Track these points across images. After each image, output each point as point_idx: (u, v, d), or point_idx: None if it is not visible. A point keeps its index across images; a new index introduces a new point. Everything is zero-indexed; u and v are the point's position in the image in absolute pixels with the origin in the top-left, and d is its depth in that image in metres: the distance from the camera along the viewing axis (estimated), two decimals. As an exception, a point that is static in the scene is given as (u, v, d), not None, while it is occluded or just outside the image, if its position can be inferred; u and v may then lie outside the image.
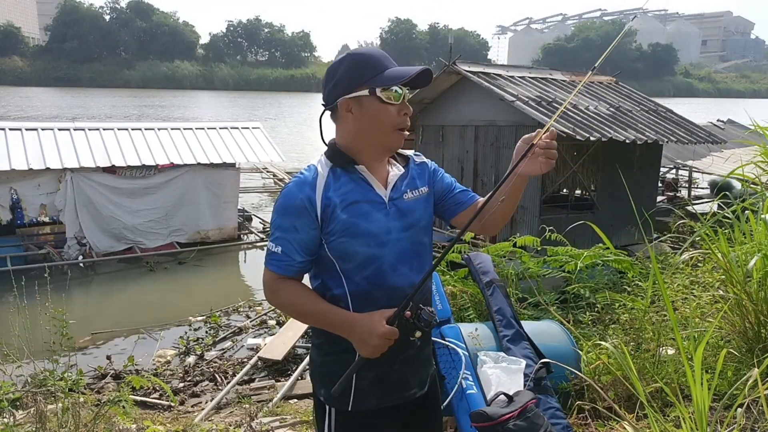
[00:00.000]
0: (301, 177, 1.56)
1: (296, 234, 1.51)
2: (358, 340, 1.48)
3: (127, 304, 8.23)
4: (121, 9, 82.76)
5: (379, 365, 1.56)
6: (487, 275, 3.49)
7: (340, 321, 1.51)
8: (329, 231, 1.51)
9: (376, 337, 1.44)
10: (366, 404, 1.60)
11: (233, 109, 47.36)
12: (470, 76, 8.25)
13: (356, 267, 1.54)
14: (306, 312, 1.57)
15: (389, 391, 1.62)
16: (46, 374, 3.16)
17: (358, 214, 1.52)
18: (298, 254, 1.53)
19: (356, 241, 1.52)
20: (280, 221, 1.53)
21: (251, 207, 13.70)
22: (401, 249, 1.56)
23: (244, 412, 4.35)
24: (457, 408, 2.62)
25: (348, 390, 1.58)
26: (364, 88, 1.51)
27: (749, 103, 61.86)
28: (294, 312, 1.62)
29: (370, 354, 1.47)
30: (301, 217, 1.50)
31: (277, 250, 1.53)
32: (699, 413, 1.74)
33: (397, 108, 1.53)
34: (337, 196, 1.52)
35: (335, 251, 1.53)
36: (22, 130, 9.43)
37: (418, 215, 1.61)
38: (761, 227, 2.77)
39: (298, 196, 1.51)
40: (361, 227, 1.52)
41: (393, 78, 1.51)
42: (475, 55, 79.96)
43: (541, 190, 7.88)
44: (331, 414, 1.62)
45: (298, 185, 1.53)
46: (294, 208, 1.51)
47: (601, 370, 2.97)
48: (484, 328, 3.12)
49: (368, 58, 1.54)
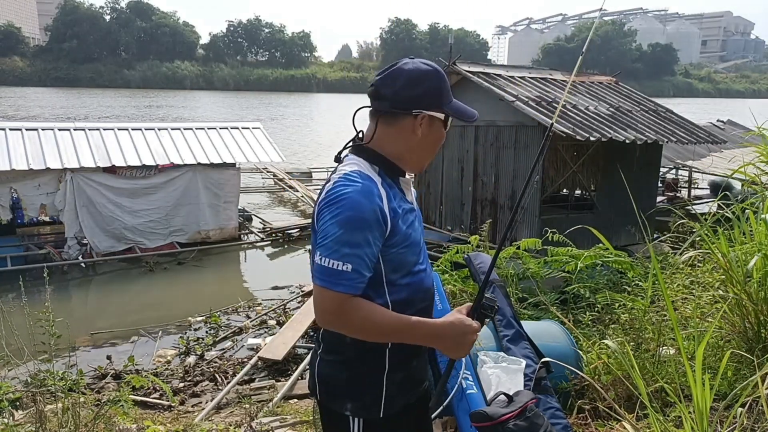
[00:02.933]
0: (366, 188, 1.45)
1: (369, 248, 1.42)
2: (452, 343, 1.50)
3: (127, 304, 8.23)
4: (121, 9, 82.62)
5: (405, 365, 1.59)
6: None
7: (429, 330, 1.50)
8: (392, 243, 1.48)
9: (471, 334, 1.49)
10: (395, 407, 1.60)
11: (233, 110, 47.35)
12: (470, 77, 8.25)
13: (402, 276, 1.54)
14: (390, 327, 1.47)
15: (412, 388, 1.65)
16: (46, 374, 3.16)
17: (409, 224, 1.55)
18: (368, 270, 1.44)
19: (410, 251, 1.54)
20: (350, 236, 1.40)
21: (251, 207, 13.69)
22: (425, 252, 1.64)
23: (244, 412, 4.35)
24: (457, 408, 2.62)
25: (379, 398, 1.57)
26: (443, 111, 1.56)
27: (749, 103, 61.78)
28: (373, 330, 1.47)
29: (464, 354, 1.52)
30: (375, 230, 1.43)
31: (346, 269, 1.40)
32: (700, 413, 1.74)
33: (443, 137, 1.61)
34: (397, 207, 1.51)
35: (391, 262, 1.51)
36: (22, 130, 9.43)
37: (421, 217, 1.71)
38: (761, 227, 2.77)
39: (370, 207, 1.42)
40: (412, 237, 1.55)
41: (462, 113, 1.59)
42: (475, 55, 79.91)
43: (541, 190, 7.88)
44: (360, 425, 1.59)
45: (367, 196, 1.43)
46: (367, 221, 1.41)
47: (601, 370, 2.97)
48: (484, 328, 3.11)
49: (447, 82, 1.59)
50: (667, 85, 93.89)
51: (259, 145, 11.15)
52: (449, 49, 10.17)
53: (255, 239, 11.29)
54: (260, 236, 11.37)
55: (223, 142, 10.79)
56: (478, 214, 8.63)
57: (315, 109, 54.64)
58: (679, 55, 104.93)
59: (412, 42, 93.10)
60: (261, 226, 12.08)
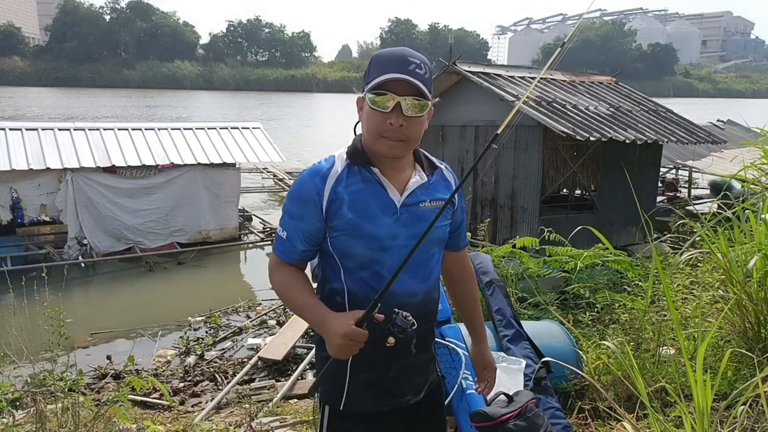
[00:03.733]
0: (317, 166, 1.55)
1: (301, 222, 1.51)
2: (327, 338, 1.45)
3: (127, 304, 8.23)
4: (121, 9, 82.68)
5: (372, 369, 1.57)
6: (487, 275, 3.49)
7: (315, 316, 1.49)
8: (333, 226, 1.50)
9: (339, 336, 1.38)
10: (358, 406, 1.59)
11: (233, 109, 47.35)
12: (470, 76, 8.25)
13: (356, 266, 1.52)
14: (290, 301, 1.56)
15: (381, 395, 1.60)
16: (46, 374, 3.16)
17: (365, 216, 1.49)
18: (301, 243, 1.53)
19: (357, 242, 1.49)
20: (290, 207, 1.53)
21: (251, 207, 13.69)
22: (403, 256, 1.44)
23: (244, 412, 4.35)
24: (457, 408, 2.62)
25: (341, 389, 1.58)
26: (365, 88, 1.48)
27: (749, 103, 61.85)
28: (282, 299, 1.61)
29: (336, 353, 1.41)
30: (308, 207, 1.50)
31: (283, 235, 1.54)
32: (700, 413, 1.74)
33: (384, 115, 1.44)
34: (346, 193, 1.49)
35: (336, 248, 1.53)
36: (22, 130, 9.43)
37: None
38: (761, 227, 2.77)
39: (308, 183, 1.51)
40: (364, 229, 1.48)
41: (374, 83, 1.43)
42: (475, 55, 79.98)
43: (541, 190, 7.88)
44: (325, 411, 1.63)
45: (311, 174, 1.52)
46: (302, 196, 1.51)
47: (601, 370, 2.97)
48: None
49: (382, 58, 1.47)
50: (667, 85, 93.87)
51: (259, 145, 11.15)
52: (449, 49, 10.16)
53: (255, 239, 11.29)
54: (260, 236, 11.37)
55: (223, 142, 10.79)
56: (478, 214, 8.63)
57: (315, 109, 54.66)
58: (679, 55, 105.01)
59: (413, 42, 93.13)
60: (261, 226, 12.08)
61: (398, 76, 1.42)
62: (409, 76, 1.42)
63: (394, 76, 1.42)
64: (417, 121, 1.48)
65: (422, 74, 1.45)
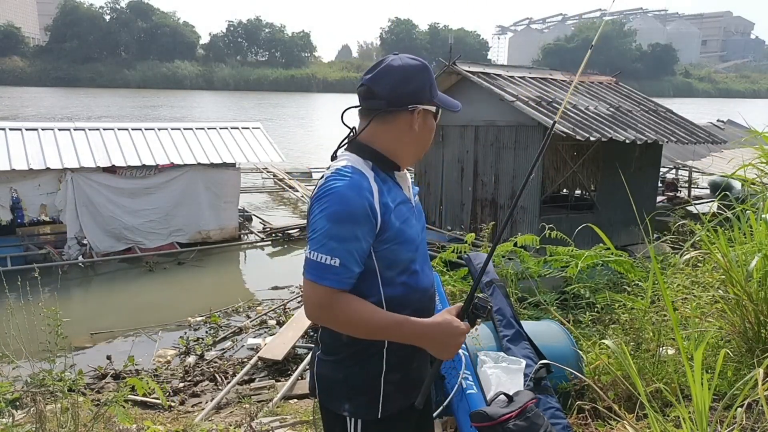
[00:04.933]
0: (356, 182, 1.44)
1: (358, 243, 1.41)
2: (439, 344, 1.46)
3: (126, 304, 8.23)
4: (121, 9, 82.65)
5: (403, 366, 1.57)
6: (487, 275, 3.49)
7: (416, 329, 1.46)
8: (384, 239, 1.47)
9: (458, 336, 1.46)
10: (393, 408, 1.59)
11: (233, 109, 47.36)
12: (470, 76, 8.25)
13: (398, 273, 1.52)
14: (376, 324, 1.44)
15: (411, 389, 1.61)
16: (45, 374, 3.16)
17: (404, 220, 1.52)
18: (357, 265, 1.43)
19: (404, 248, 1.51)
20: (338, 230, 1.39)
21: (251, 207, 13.68)
22: (424, 250, 1.60)
23: (244, 412, 4.35)
24: (457, 408, 2.62)
25: (376, 399, 1.56)
26: (434, 104, 1.57)
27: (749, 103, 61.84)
28: (359, 326, 1.46)
29: (451, 356, 1.49)
30: (364, 225, 1.41)
31: (334, 263, 1.39)
32: (699, 413, 1.74)
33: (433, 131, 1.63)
34: (390, 202, 1.49)
35: (384, 259, 1.49)
36: (22, 130, 9.43)
37: (424, 217, 1.68)
38: (761, 227, 2.77)
39: (358, 201, 1.41)
40: (407, 233, 1.52)
41: (449, 105, 1.63)
42: (475, 55, 79.92)
43: (541, 190, 7.88)
44: (357, 426, 1.58)
45: (357, 190, 1.42)
46: (355, 215, 1.40)
47: (601, 370, 2.97)
48: (484, 328, 3.12)
49: (433, 74, 1.61)
50: (667, 85, 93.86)
51: (259, 145, 11.15)
52: (449, 49, 10.16)
53: (255, 239, 11.29)
54: (260, 236, 11.36)
55: (223, 142, 10.79)
56: (478, 214, 8.63)
57: (315, 108, 54.63)
58: (679, 55, 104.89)
59: (412, 42, 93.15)
60: (261, 226, 12.07)
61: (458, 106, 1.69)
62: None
63: (455, 104, 1.67)
64: None
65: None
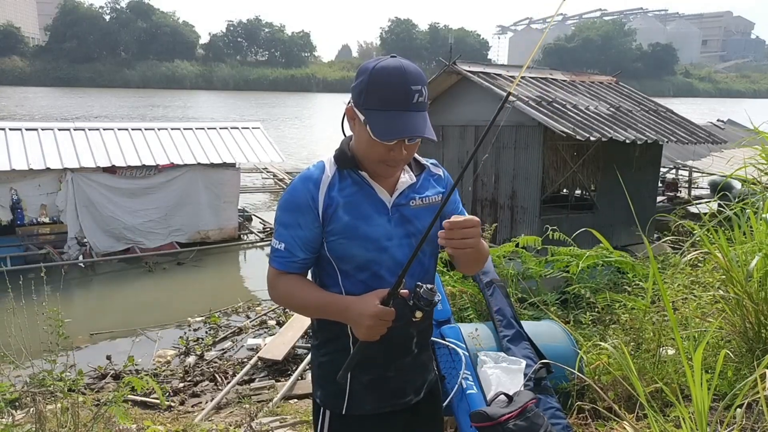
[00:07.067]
0: (307, 173, 1.54)
1: (299, 230, 1.50)
2: (353, 322, 1.45)
3: (126, 304, 8.23)
4: (121, 9, 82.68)
5: (373, 369, 1.56)
6: (488, 275, 3.49)
7: (336, 306, 1.49)
8: (330, 231, 1.50)
9: (368, 317, 1.39)
10: (360, 409, 1.58)
11: (233, 109, 47.35)
12: (470, 76, 8.25)
13: (354, 269, 1.52)
14: (304, 302, 1.54)
15: (384, 396, 1.59)
16: (45, 374, 3.15)
17: (360, 217, 1.50)
18: (301, 251, 1.52)
19: (355, 244, 1.50)
20: (284, 217, 1.52)
21: (251, 207, 13.69)
22: (403, 256, 1.51)
23: (244, 412, 4.35)
24: (457, 408, 2.62)
25: (342, 392, 1.57)
26: (363, 114, 1.43)
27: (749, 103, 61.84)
28: (293, 304, 1.59)
29: (365, 336, 1.41)
30: (304, 214, 1.49)
31: (280, 247, 1.52)
32: (699, 413, 1.74)
33: (386, 147, 1.43)
34: (341, 197, 1.50)
35: (334, 252, 1.52)
36: (22, 130, 9.43)
37: (424, 223, 1.52)
38: (762, 227, 2.77)
39: (302, 192, 1.50)
40: (360, 230, 1.50)
41: (381, 131, 1.40)
42: (475, 55, 79.87)
43: (541, 190, 7.88)
44: (326, 416, 1.61)
45: (303, 181, 1.52)
46: (297, 204, 1.50)
47: (601, 371, 2.97)
48: (485, 328, 3.11)
49: (383, 85, 1.40)
50: (668, 85, 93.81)
51: (259, 145, 11.15)
52: (449, 49, 10.16)
53: (255, 239, 11.29)
54: (260, 236, 11.36)
55: (223, 142, 10.79)
56: (478, 214, 8.63)
57: (315, 108, 54.62)
58: (680, 54, 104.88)
59: (413, 42, 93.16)
60: (261, 226, 12.07)
61: (404, 116, 1.40)
62: (414, 111, 1.41)
63: (400, 115, 1.40)
64: (417, 144, 1.51)
65: (424, 100, 1.44)
